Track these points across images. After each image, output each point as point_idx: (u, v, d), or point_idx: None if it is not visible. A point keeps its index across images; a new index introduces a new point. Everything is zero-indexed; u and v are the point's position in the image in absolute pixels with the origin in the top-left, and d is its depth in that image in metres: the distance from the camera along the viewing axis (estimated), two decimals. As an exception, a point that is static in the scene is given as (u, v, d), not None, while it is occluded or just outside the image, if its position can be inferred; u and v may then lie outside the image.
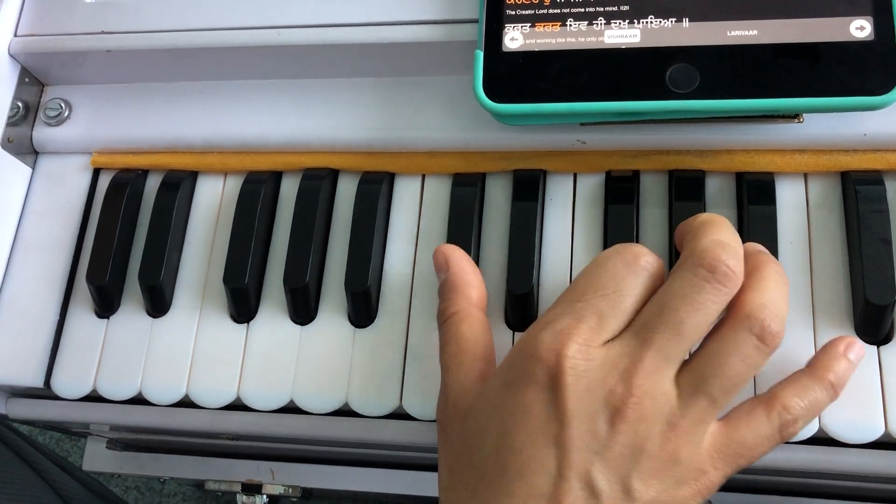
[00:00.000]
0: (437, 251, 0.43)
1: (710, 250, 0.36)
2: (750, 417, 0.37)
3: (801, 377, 0.39)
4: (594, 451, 0.36)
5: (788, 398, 0.38)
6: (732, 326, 0.37)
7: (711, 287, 0.36)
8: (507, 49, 0.44)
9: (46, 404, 0.50)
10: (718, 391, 0.36)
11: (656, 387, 0.36)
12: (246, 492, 0.69)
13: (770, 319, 0.36)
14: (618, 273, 0.38)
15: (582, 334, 0.37)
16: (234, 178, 0.51)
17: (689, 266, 0.37)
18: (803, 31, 0.41)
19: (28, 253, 0.52)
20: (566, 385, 0.36)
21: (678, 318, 0.36)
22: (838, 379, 0.38)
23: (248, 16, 0.49)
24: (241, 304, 0.48)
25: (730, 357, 0.36)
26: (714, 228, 0.38)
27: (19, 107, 0.52)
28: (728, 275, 0.36)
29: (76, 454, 1.01)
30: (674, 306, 0.36)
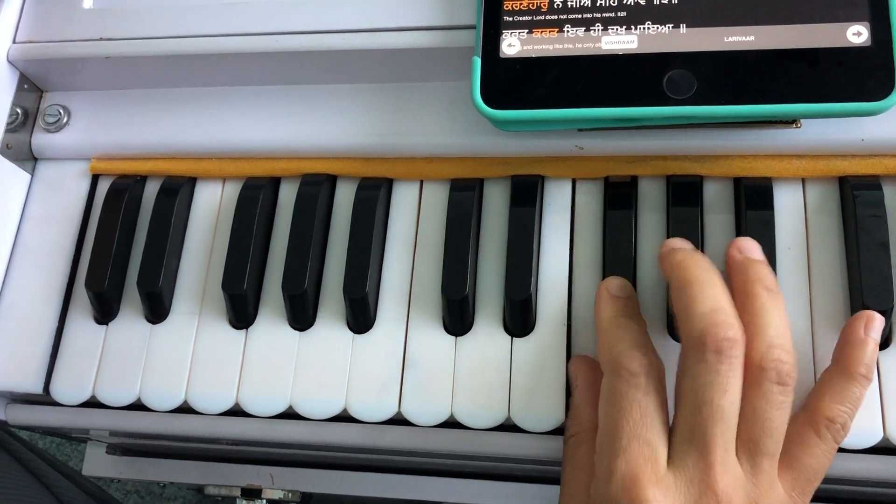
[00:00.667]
0: (573, 361, 0.44)
1: (707, 331, 0.37)
2: (804, 443, 0.38)
3: (834, 380, 0.39)
4: None
5: (830, 409, 0.38)
6: (754, 382, 0.38)
7: (726, 366, 0.37)
8: (504, 55, 0.44)
9: (46, 410, 0.51)
10: (773, 446, 0.38)
11: (733, 477, 0.37)
12: (245, 496, 0.68)
13: (780, 360, 0.37)
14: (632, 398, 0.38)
15: (647, 470, 0.37)
16: (232, 184, 0.51)
17: (698, 356, 0.38)
18: (800, 37, 0.41)
19: (27, 259, 0.52)
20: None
21: (716, 407, 0.37)
22: (868, 367, 0.39)
23: (246, 22, 0.49)
24: (240, 311, 0.48)
25: (767, 412, 0.37)
26: (696, 290, 0.39)
27: (18, 113, 0.52)
28: (734, 345, 0.37)
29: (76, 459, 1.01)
30: (707, 398, 0.37)
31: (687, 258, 0.41)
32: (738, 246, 0.42)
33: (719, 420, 0.37)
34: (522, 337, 0.45)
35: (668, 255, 0.42)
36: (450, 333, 0.46)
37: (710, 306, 0.38)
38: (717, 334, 0.37)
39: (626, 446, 0.38)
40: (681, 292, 0.39)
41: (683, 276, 0.40)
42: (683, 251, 0.42)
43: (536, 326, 0.45)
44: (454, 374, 0.45)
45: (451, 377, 0.45)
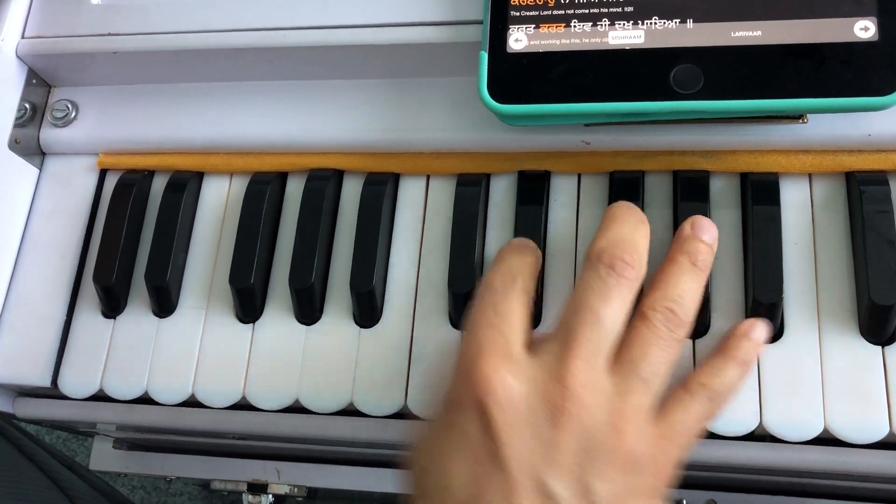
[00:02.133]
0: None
1: (607, 249, 0.39)
2: (677, 401, 0.39)
3: (712, 358, 0.40)
4: (542, 459, 0.35)
5: (704, 377, 0.39)
6: (641, 318, 0.39)
7: (614, 280, 0.38)
8: (511, 50, 0.44)
9: (53, 404, 0.51)
10: (649, 373, 0.38)
11: (591, 379, 0.37)
12: (252, 491, 0.69)
13: (673, 311, 0.38)
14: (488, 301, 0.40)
15: (500, 354, 0.37)
16: (239, 179, 0.51)
17: (591, 266, 0.39)
18: (807, 32, 0.41)
19: (35, 253, 0.52)
20: (492, 403, 0.36)
21: (594, 312, 0.37)
22: (744, 355, 0.40)
23: (253, 17, 0.49)
24: (247, 305, 0.48)
25: (649, 343, 0.38)
26: (614, 225, 0.40)
27: (26, 108, 0.52)
28: (627, 267, 0.38)
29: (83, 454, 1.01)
30: (586, 302, 0.38)
31: (626, 208, 0.41)
32: (692, 221, 0.42)
33: (593, 324, 0.37)
34: (529, 331, 0.45)
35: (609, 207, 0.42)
36: (456, 328, 0.46)
37: (622, 236, 0.39)
38: (614, 253, 0.38)
39: (477, 332, 0.38)
40: (602, 224, 0.41)
41: (612, 214, 0.41)
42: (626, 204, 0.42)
43: (543, 320, 0.45)
44: (460, 369, 0.45)
45: (457, 371, 0.45)
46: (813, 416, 0.41)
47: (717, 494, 0.60)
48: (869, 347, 0.42)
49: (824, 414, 0.41)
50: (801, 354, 0.42)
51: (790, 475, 0.54)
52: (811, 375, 0.42)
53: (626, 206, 0.42)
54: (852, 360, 0.42)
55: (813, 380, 0.42)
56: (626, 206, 0.42)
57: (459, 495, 0.36)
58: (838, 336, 0.42)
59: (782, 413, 0.41)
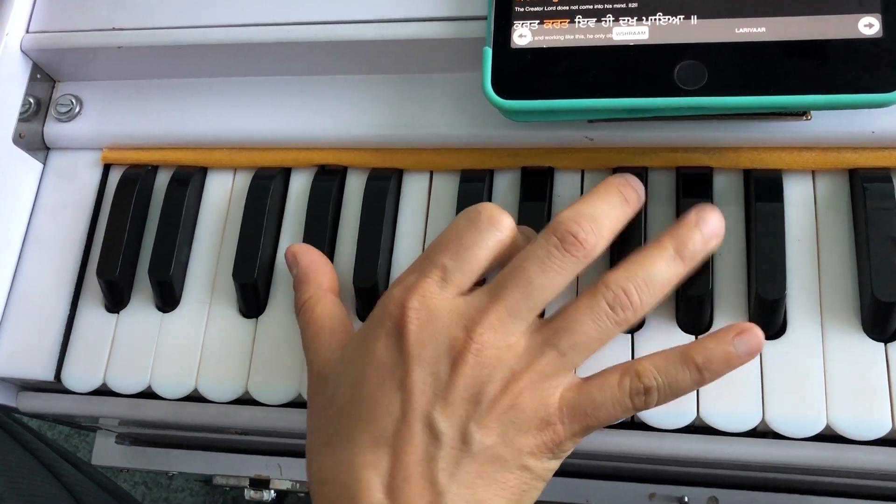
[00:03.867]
0: (287, 251, 0.46)
1: (565, 222, 0.38)
2: (603, 378, 0.38)
3: (669, 352, 0.38)
4: (435, 394, 0.37)
5: (645, 366, 0.38)
6: (590, 292, 0.38)
7: (560, 253, 0.38)
8: (515, 46, 0.44)
9: (56, 398, 0.51)
10: (567, 345, 0.37)
11: (499, 337, 0.37)
12: (254, 487, 0.69)
13: (628, 293, 0.38)
14: (461, 229, 0.40)
15: (426, 286, 0.39)
16: (243, 174, 0.51)
17: (545, 233, 0.39)
18: (812, 29, 0.41)
19: (39, 248, 0.52)
20: (409, 332, 0.38)
21: (527, 277, 0.38)
22: (706, 362, 0.37)
23: (257, 13, 0.49)
24: (250, 299, 0.48)
25: (582, 316, 0.38)
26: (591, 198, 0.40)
27: (31, 103, 0.52)
28: (576, 245, 0.38)
29: (85, 449, 1.02)
30: (524, 266, 0.38)
31: (620, 182, 0.41)
32: (699, 210, 0.40)
33: (521, 288, 0.38)
34: (531, 327, 0.45)
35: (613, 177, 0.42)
36: (459, 323, 0.46)
37: (589, 213, 0.39)
38: (570, 228, 0.38)
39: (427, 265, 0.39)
40: (581, 197, 0.40)
41: (598, 189, 0.41)
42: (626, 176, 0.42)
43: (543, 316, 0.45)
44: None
45: (460, 367, 0.45)
46: (815, 412, 0.41)
47: (719, 491, 0.60)
48: (872, 344, 0.42)
49: (827, 411, 0.41)
50: (804, 351, 0.42)
51: (792, 472, 0.54)
52: (814, 372, 0.42)
53: (618, 183, 0.41)
54: (855, 356, 0.42)
55: (815, 376, 0.42)
56: (619, 182, 0.41)
57: (361, 408, 0.38)
58: (841, 333, 0.42)
59: (785, 410, 0.41)
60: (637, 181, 0.42)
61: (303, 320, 0.44)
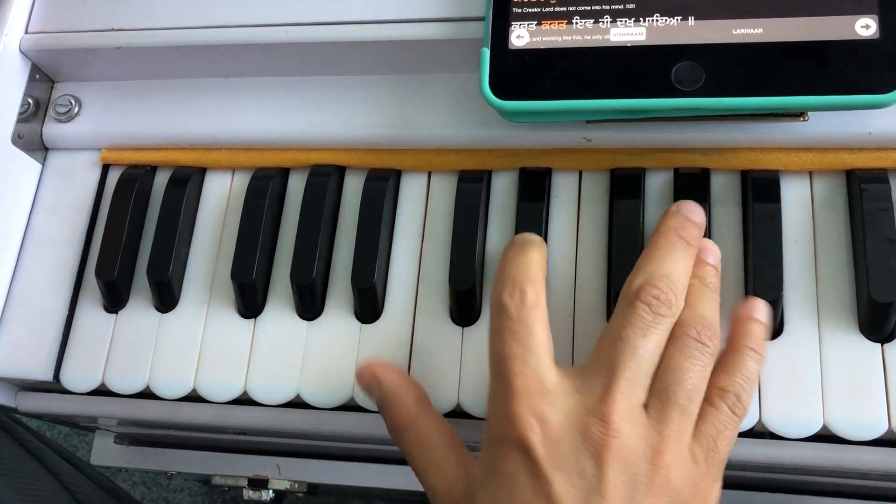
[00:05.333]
0: (363, 370, 0.44)
1: (647, 285, 0.39)
2: (704, 416, 0.39)
3: (724, 356, 0.40)
4: (588, 494, 0.36)
5: (721, 380, 0.39)
6: (674, 338, 0.39)
7: (651, 317, 0.38)
8: (513, 47, 0.44)
9: (55, 398, 0.51)
10: (684, 399, 0.38)
11: (630, 413, 0.37)
12: (252, 487, 0.69)
13: (705, 325, 0.39)
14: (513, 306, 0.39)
15: (533, 390, 0.38)
16: (241, 175, 0.51)
17: (629, 303, 0.39)
18: (809, 30, 0.41)
19: (38, 248, 0.52)
20: (535, 442, 0.37)
21: (632, 347, 0.38)
22: (755, 342, 0.40)
23: (256, 13, 0.49)
24: (249, 300, 0.48)
25: (681, 363, 0.38)
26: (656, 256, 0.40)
27: (30, 103, 0.52)
28: (666, 305, 0.39)
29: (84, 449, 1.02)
30: (624, 335, 0.38)
31: (677, 228, 0.41)
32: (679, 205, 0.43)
33: (631, 356, 0.38)
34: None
35: (669, 215, 0.42)
36: (457, 324, 0.46)
37: (664, 271, 0.40)
38: (652, 291, 0.39)
39: (505, 369, 0.38)
40: (648, 251, 0.41)
41: (660, 242, 0.41)
42: (682, 218, 0.42)
43: (543, 317, 0.45)
44: (461, 364, 0.45)
45: (458, 367, 0.45)
46: (812, 412, 0.41)
47: (718, 491, 0.60)
48: (868, 345, 0.42)
49: (823, 411, 0.41)
50: (801, 351, 0.42)
51: (789, 472, 0.54)
52: (810, 372, 0.42)
53: (675, 227, 0.41)
54: (852, 357, 0.42)
55: (812, 377, 0.42)
56: (676, 225, 0.42)
57: None
58: (838, 333, 0.42)
59: (781, 410, 0.41)
60: (691, 209, 0.43)
61: (410, 441, 0.42)
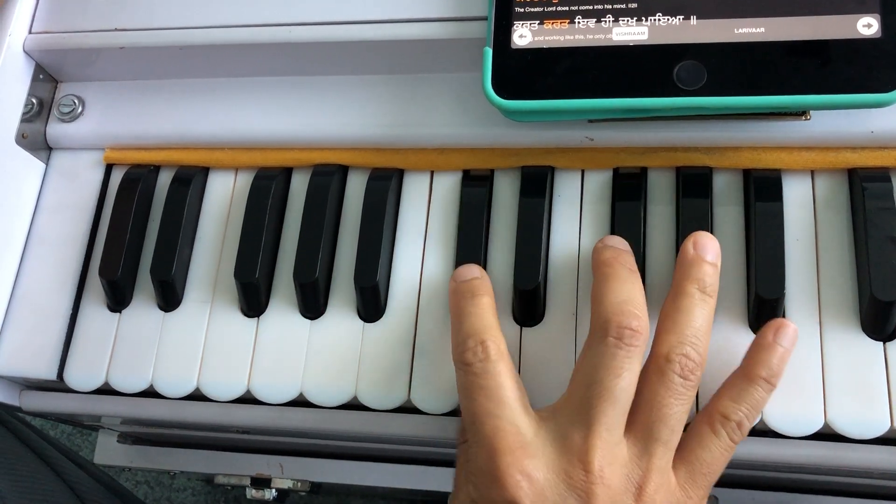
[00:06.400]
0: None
1: (612, 318, 0.38)
2: (699, 438, 0.39)
3: (734, 381, 0.40)
4: None
5: (726, 406, 0.39)
6: (658, 370, 0.38)
7: (624, 352, 0.38)
8: (515, 46, 0.44)
9: (59, 397, 0.51)
10: (667, 434, 0.38)
11: (611, 455, 0.37)
12: (255, 486, 0.69)
13: (687, 356, 0.38)
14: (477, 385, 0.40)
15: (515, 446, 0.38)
16: (244, 174, 0.52)
17: (599, 339, 0.39)
18: (811, 29, 0.42)
19: (41, 247, 0.52)
20: (523, 500, 0.37)
21: (605, 387, 0.38)
22: (770, 372, 0.39)
23: (258, 13, 0.50)
24: (252, 299, 0.48)
25: (663, 399, 0.38)
26: (609, 284, 0.40)
27: (33, 103, 0.53)
28: (634, 335, 0.38)
29: (87, 448, 1.02)
30: (598, 378, 0.38)
31: (613, 257, 0.42)
32: (694, 240, 0.42)
33: (606, 399, 0.38)
34: (532, 326, 0.45)
35: (599, 251, 0.43)
36: (459, 323, 0.46)
37: (622, 298, 0.39)
38: (620, 322, 0.38)
39: (481, 427, 0.39)
40: (599, 285, 0.41)
41: (605, 272, 0.41)
42: (614, 250, 0.42)
43: (545, 316, 0.45)
44: (464, 363, 0.45)
45: (460, 366, 0.45)
46: (814, 411, 0.41)
47: (718, 491, 0.60)
48: (870, 343, 0.42)
49: (825, 409, 0.41)
50: (803, 350, 0.42)
51: (791, 471, 0.54)
52: (812, 371, 0.42)
53: (612, 257, 0.41)
54: (854, 355, 0.42)
55: (814, 375, 0.42)
56: (611, 255, 0.42)
57: None
58: (840, 332, 0.42)
59: (783, 408, 0.41)
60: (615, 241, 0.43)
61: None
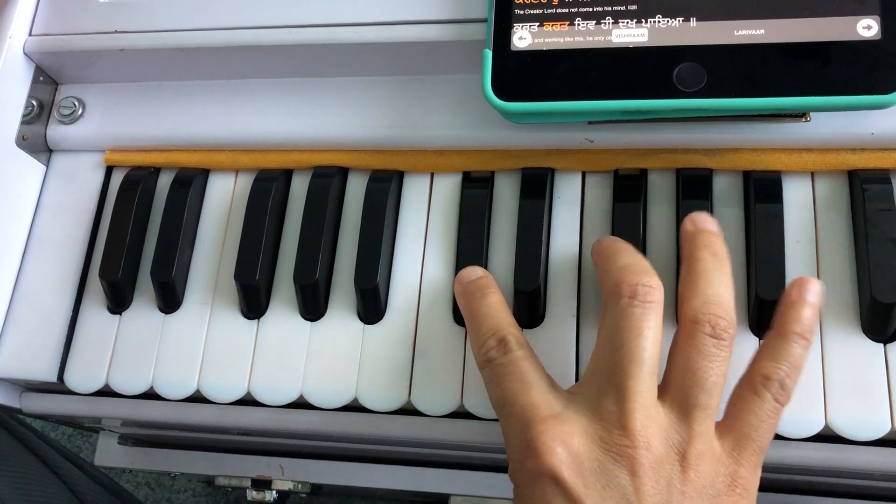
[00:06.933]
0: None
1: (622, 279, 0.38)
2: (743, 402, 0.38)
3: (770, 341, 0.39)
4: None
5: (765, 367, 0.38)
6: (687, 334, 0.38)
7: (640, 309, 0.38)
8: (515, 48, 0.44)
9: (59, 399, 0.51)
10: (705, 398, 0.37)
11: (649, 418, 0.37)
12: (256, 487, 0.69)
13: (716, 314, 0.38)
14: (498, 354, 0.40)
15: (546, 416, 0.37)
16: (245, 176, 0.52)
17: (612, 303, 0.38)
18: (810, 31, 0.42)
19: (42, 249, 0.52)
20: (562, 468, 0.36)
21: (628, 349, 0.37)
22: (803, 327, 0.39)
23: (258, 15, 0.50)
24: (252, 301, 0.48)
25: (698, 363, 0.37)
26: (617, 255, 0.40)
27: (34, 105, 0.53)
28: (648, 291, 0.38)
29: (88, 450, 1.02)
30: (620, 342, 0.37)
31: (613, 240, 0.42)
32: (691, 218, 0.42)
33: (632, 361, 0.37)
34: (531, 328, 0.45)
35: (597, 243, 0.43)
36: (460, 324, 0.46)
37: (627, 261, 0.40)
38: (630, 280, 0.38)
39: (512, 410, 0.39)
40: (604, 262, 0.41)
41: (606, 253, 0.41)
42: (610, 237, 0.43)
43: (546, 318, 0.45)
44: (464, 365, 0.45)
45: (461, 367, 0.45)
46: (814, 413, 0.41)
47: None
48: (871, 345, 0.42)
49: (826, 411, 0.41)
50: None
51: (791, 472, 0.54)
52: (813, 372, 0.42)
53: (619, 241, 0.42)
54: (854, 357, 0.42)
55: (815, 377, 0.42)
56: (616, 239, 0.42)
57: None
58: (840, 333, 0.42)
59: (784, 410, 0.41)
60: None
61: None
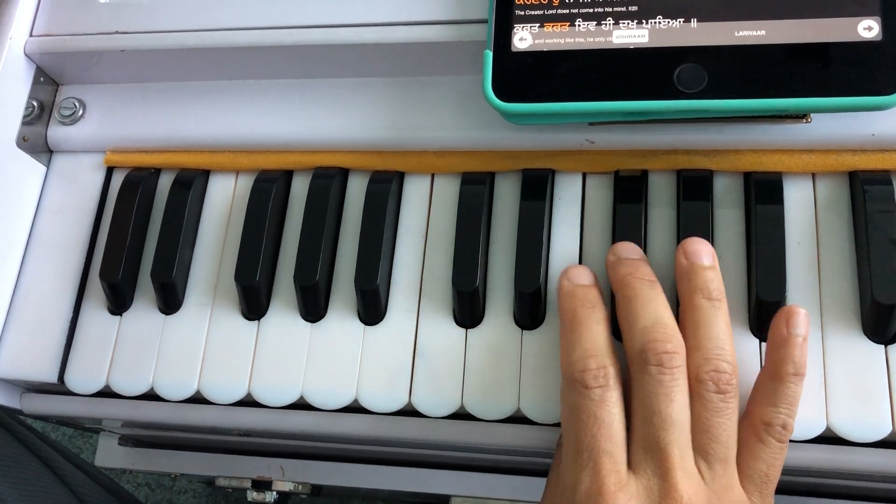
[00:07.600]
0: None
1: (647, 346, 0.39)
2: (749, 449, 0.40)
3: (765, 383, 0.40)
4: None
5: (764, 413, 0.40)
6: (695, 394, 0.39)
7: (668, 376, 0.39)
8: (516, 49, 0.44)
9: (60, 400, 0.51)
10: (722, 451, 0.39)
11: (690, 481, 0.38)
12: (256, 488, 0.69)
13: (717, 370, 0.39)
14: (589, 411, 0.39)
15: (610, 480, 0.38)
16: (245, 177, 0.52)
17: (642, 368, 0.39)
18: (811, 32, 0.42)
19: (42, 250, 0.52)
20: None
21: (664, 416, 0.38)
22: (796, 365, 0.40)
23: (259, 16, 0.50)
24: (253, 302, 0.48)
25: (710, 420, 0.39)
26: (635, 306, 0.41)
27: (34, 106, 0.53)
28: (672, 357, 0.39)
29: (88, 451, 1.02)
30: (655, 408, 0.39)
31: (630, 273, 0.42)
32: (685, 250, 0.42)
33: (669, 428, 0.38)
34: (532, 329, 0.45)
35: (614, 266, 0.43)
36: (460, 326, 0.46)
37: (651, 321, 0.40)
38: (656, 348, 0.39)
39: (588, 460, 0.39)
40: (624, 307, 0.41)
41: (626, 293, 0.41)
42: (628, 263, 0.43)
43: (546, 319, 0.45)
44: (465, 366, 0.45)
45: (461, 369, 0.45)
46: (815, 414, 0.41)
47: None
48: (872, 346, 0.42)
49: (827, 413, 0.41)
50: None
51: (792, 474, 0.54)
52: (814, 374, 0.42)
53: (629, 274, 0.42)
54: (855, 359, 0.42)
55: (815, 378, 0.42)
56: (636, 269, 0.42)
57: None
58: (841, 335, 0.42)
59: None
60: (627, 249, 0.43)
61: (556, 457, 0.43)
